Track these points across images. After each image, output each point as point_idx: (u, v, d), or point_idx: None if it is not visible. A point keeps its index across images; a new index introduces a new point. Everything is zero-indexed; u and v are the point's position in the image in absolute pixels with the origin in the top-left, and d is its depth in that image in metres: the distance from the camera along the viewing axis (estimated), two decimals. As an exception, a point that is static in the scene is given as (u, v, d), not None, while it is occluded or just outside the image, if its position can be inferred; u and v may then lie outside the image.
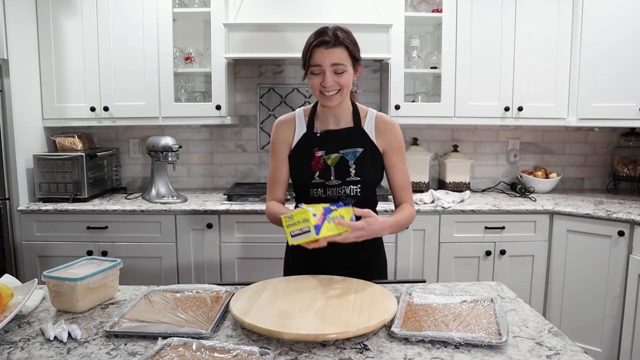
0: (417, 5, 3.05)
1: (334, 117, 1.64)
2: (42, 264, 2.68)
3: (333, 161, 1.60)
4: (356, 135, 1.63)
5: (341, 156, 1.60)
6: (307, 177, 1.61)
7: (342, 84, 1.52)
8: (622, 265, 2.51)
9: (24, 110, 2.75)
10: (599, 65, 2.82)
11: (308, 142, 1.64)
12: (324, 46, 1.49)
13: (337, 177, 1.59)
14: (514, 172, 3.33)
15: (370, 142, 1.63)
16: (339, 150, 1.60)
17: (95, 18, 2.82)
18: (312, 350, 1.06)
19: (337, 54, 1.49)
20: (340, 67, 1.50)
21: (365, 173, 1.60)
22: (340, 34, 1.51)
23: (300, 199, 1.66)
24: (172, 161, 2.87)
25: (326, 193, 1.60)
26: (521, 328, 1.18)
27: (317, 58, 1.50)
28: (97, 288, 1.33)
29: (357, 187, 1.60)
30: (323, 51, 1.49)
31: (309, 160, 1.61)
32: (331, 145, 1.61)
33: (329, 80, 1.50)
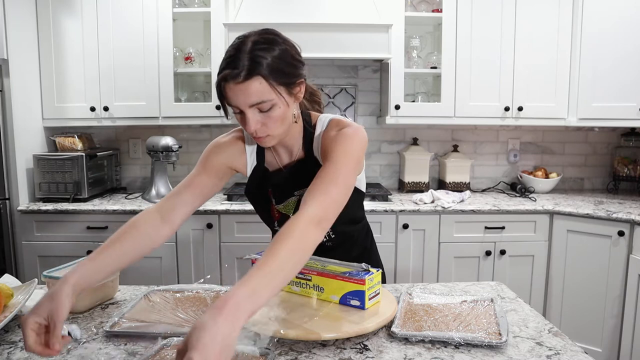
0: (417, 5, 3.05)
1: (285, 149, 1.32)
2: (42, 264, 2.68)
3: (291, 207, 1.34)
4: (309, 168, 1.26)
5: (298, 199, 1.32)
6: (268, 222, 1.42)
7: (272, 124, 1.13)
8: (622, 265, 2.51)
9: (24, 110, 2.75)
10: (599, 65, 2.82)
11: (261, 181, 1.35)
12: (233, 81, 1.07)
13: None
14: (514, 172, 3.33)
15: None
16: (294, 193, 1.32)
17: (95, 18, 2.82)
18: (312, 350, 1.06)
19: (253, 89, 1.07)
20: (264, 104, 1.10)
21: None
22: (258, 54, 1.08)
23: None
24: (172, 161, 2.87)
25: None
26: (521, 328, 1.18)
27: (230, 97, 1.10)
28: (97, 288, 1.33)
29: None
30: (233, 88, 1.08)
31: (265, 202, 1.37)
32: (284, 187, 1.33)
33: (253, 123, 1.11)
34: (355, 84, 3.21)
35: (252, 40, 1.10)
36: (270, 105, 1.11)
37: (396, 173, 3.30)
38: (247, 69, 1.07)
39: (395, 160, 3.29)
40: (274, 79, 1.09)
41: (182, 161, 3.22)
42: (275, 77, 1.09)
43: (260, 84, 1.08)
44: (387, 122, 2.91)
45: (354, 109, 3.21)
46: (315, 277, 1.23)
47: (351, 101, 3.21)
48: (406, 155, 3.09)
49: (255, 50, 1.08)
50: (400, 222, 2.68)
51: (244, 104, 1.10)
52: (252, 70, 1.07)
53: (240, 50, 1.09)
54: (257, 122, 1.13)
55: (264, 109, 1.11)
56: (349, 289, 1.19)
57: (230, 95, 1.10)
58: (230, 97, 1.10)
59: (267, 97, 1.09)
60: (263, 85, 1.08)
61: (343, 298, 1.20)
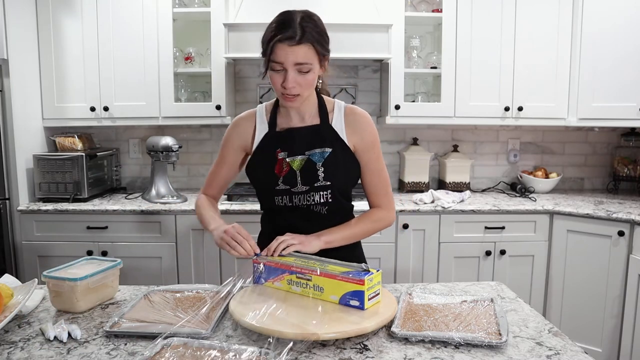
0: (417, 5, 3.05)
1: (298, 114, 1.46)
2: (42, 264, 2.67)
3: (299, 165, 1.42)
4: (323, 134, 1.44)
5: (307, 158, 1.42)
6: (270, 184, 1.44)
7: (305, 84, 1.34)
8: (622, 265, 2.51)
9: (24, 110, 2.75)
10: (599, 65, 2.82)
11: (270, 143, 1.46)
12: (288, 42, 1.29)
13: (304, 183, 1.42)
14: (514, 172, 3.33)
15: (339, 140, 1.44)
16: (305, 152, 1.43)
17: (95, 18, 2.82)
18: (312, 350, 1.06)
19: (302, 52, 1.30)
20: (305, 66, 1.31)
21: (336, 176, 1.42)
22: (308, 25, 1.31)
23: (265, 208, 1.55)
24: (172, 161, 2.87)
25: (293, 201, 1.44)
26: (521, 328, 1.18)
27: (279, 55, 1.30)
28: (97, 288, 1.33)
29: (326, 192, 1.43)
30: (286, 48, 1.29)
31: (271, 163, 1.44)
32: (296, 145, 1.44)
33: (291, 80, 1.31)
34: (355, 84, 3.21)
35: (299, 15, 1.33)
36: (308, 69, 1.32)
37: (396, 173, 3.30)
38: (300, 35, 1.29)
39: (395, 160, 3.29)
40: (317, 48, 1.32)
41: (182, 161, 3.22)
42: (318, 46, 1.32)
43: (308, 49, 1.31)
44: (387, 122, 2.91)
45: (354, 109, 3.21)
46: (316, 277, 1.23)
47: (351, 101, 3.21)
48: (406, 155, 3.09)
49: (304, 22, 1.31)
50: (400, 222, 2.68)
51: (291, 63, 1.30)
52: (304, 36, 1.29)
53: (291, 19, 1.31)
54: (295, 81, 1.32)
55: (303, 70, 1.32)
56: (349, 289, 1.19)
57: (280, 54, 1.30)
58: (280, 55, 1.30)
59: (310, 60, 1.32)
60: (310, 50, 1.31)
61: (343, 298, 1.20)
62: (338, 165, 1.43)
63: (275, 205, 1.47)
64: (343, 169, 1.45)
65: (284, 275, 1.28)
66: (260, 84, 3.20)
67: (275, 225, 1.52)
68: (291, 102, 1.37)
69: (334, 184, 1.43)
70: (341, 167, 1.44)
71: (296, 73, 1.32)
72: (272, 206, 1.49)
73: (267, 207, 1.53)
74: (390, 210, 1.51)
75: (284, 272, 1.28)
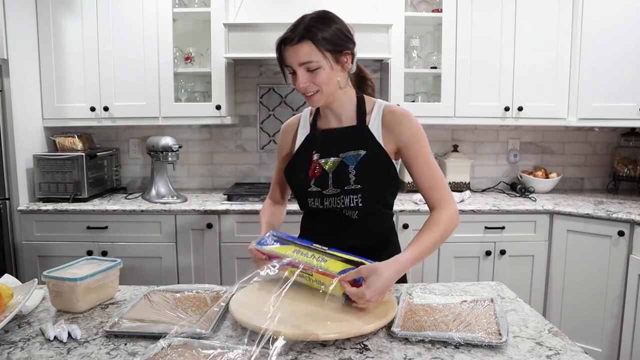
0: (417, 5, 3.05)
1: (334, 115, 1.46)
2: (42, 264, 2.67)
3: (331, 166, 1.41)
4: (358, 136, 1.41)
5: (341, 160, 1.40)
6: (303, 185, 1.45)
7: (320, 82, 1.33)
8: (622, 265, 2.51)
9: (24, 110, 2.75)
10: (599, 65, 2.82)
11: (308, 145, 1.48)
12: (288, 44, 1.33)
13: (336, 186, 1.40)
14: (514, 172, 3.33)
15: (374, 142, 1.40)
16: (339, 154, 1.41)
17: (95, 18, 2.82)
18: (312, 350, 1.06)
19: (302, 51, 1.31)
20: (310, 64, 1.31)
21: (368, 180, 1.38)
22: (313, 25, 1.31)
23: (302, 208, 1.55)
24: (172, 161, 2.87)
25: (323, 203, 1.42)
26: (521, 328, 1.18)
27: (286, 58, 1.35)
28: (97, 288, 1.33)
29: (357, 196, 1.39)
30: (288, 49, 1.33)
31: (306, 165, 1.45)
32: (330, 147, 1.43)
33: (302, 80, 1.33)
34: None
35: (310, 17, 1.35)
36: (316, 66, 1.32)
37: (396, 173, 3.29)
38: (300, 35, 1.31)
39: (395, 160, 3.29)
40: (321, 45, 1.31)
41: (182, 161, 3.22)
42: (323, 44, 1.31)
43: (309, 47, 1.31)
44: (387, 122, 2.91)
45: (354, 109, 3.21)
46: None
47: (351, 101, 3.20)
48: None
49: (311, 23, 1.32)
50: (400, 222, 2.68)
51: (295, 62, 1.32)
52: (303, 36, 1.30)
53: (299, 22, 1.34)
54: (306, 80, 1.34)
55: (311, 68, 1.32)
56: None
57: (286, 56, 1.34)
58: (286, 58, 1.34)
59: (314, 58, 1.31)
60: (312, 48, 1.31)
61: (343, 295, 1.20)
62: (371, 169, 1.39)
63: (308, 207, 1.48)
64: (376, 172, 1.40)
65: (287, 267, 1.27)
66: (260, 84, 3.20)
67: (309, 228, 1.55)
68: (312, 101, 1.39)
69: (365, 187, 1.39)
70: (374, 170, 1.40)
71: (305, 72, 1.33)
72: (306, 208, 1.51)
73: (303, 208, 1.54)
74: (450, 205, 1.37)
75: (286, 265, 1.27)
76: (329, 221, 1.46)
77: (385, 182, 1.42)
